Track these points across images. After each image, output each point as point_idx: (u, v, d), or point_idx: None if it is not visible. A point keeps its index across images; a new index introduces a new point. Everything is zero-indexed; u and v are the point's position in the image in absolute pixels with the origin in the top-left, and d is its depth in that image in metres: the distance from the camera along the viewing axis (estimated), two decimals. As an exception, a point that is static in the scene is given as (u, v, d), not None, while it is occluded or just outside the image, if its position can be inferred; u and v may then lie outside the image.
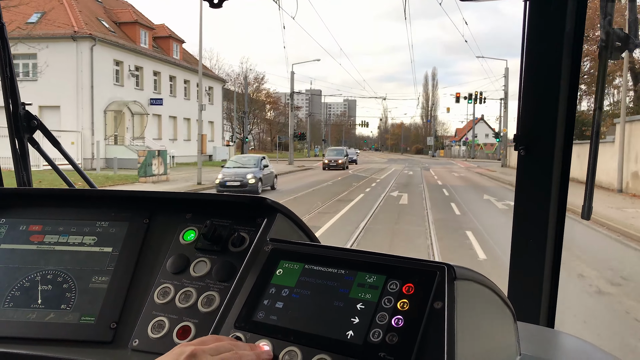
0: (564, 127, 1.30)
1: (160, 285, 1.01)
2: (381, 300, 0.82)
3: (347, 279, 0.87)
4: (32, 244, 1.11)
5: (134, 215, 1.12)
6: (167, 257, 1.05)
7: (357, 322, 0.81)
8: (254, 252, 0.98)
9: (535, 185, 1.36)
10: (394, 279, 0.84)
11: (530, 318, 1.37)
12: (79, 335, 0.97)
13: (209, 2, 1.28)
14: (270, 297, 0.89)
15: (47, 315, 1.01)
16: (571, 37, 1.25)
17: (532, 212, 1.37)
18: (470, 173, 34.85)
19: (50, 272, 1.06)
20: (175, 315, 0.96)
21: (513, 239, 1.41)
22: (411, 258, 0.86)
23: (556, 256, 1.37)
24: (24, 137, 1.62)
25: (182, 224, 1.09)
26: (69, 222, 1.13)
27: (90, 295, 1.02)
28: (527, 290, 1.39)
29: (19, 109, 1.59)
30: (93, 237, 1.10)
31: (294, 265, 0.93)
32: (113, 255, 1.07)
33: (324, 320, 0.83)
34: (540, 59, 1.29)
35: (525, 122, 1.34)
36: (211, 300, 0.95)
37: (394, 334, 0.77)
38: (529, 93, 1.32)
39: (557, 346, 1.17)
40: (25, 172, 1.63)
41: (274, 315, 0.86)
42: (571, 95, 1.29)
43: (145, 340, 0.95)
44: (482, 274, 0.87)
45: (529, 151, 1.34)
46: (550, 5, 1.26)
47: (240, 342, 0.83)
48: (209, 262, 1.01)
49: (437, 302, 0.78)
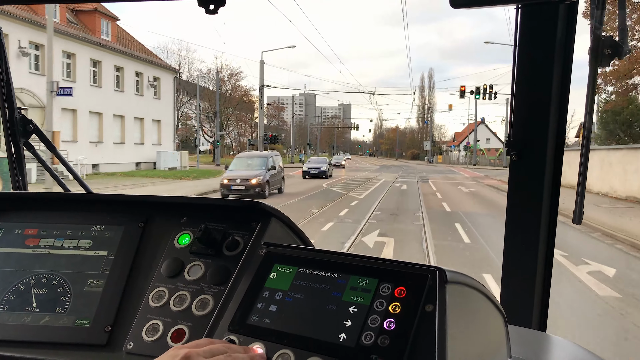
0: (556, 132, 1.32)
1: (155, 289, 1.01)
2: (373, 303, 0.83)
3: (340, 282, 0.88)
4: (28, 247, 1.11)
5: (129, 219, 1.13)
6: (161, 260, 1.06)
7: (349, 325, 0.82)
8: (248, 255, 1.00)
9: (528, 190, 1.37)
10: (386, 282, 0.85)
11: (523, 322, 1.37)
12: (73, 339, 0.98)
13: (204, 9, 1.22)
14: (264, 301, 0.90)
15: (42, 319, 1.01)
16: (562, 43, 1.27)
17: (524, 217, 1.38)
18: (481, 187, 26.52)
19: (46, 276, 1.07)
20: (170, 318, 0.97)
21: (505, 243, 1.42)
22: (403, 262, 0.88)
23: (548, 260, 1.39)
24: (20, 141, 1.61)
25: (177, 228, 1.10)
26: (64, 226, 1.14)
27: (85, 299, 1.03)
28: (519, 294, 1.40)
29: (14, 113, 1.58)
30: (88, 241, 1.11)
31: (288, 268, 0.93)
32: (108, 258, 1.08)
33: (317, 323, 0.84)
34: (532, 65, 1.31)
35: (517, 127, 1.35)
36: (205, 304, 0.96)
37: (386, 337, 0.78)
38: (520, 98, 1.33)
39: (549, 350, 1.18)
40: (20, 177, 1.63)
41: (268, 318, 0.87)
42: (562, 101, 1.31)
43: (139, 343, 0.95)
44: (473, 278, 0.88)
45: (521, 156, 1.35)
46: (541, 11, 1.27)
47: (233, 344, 0.84)
48: (203, 266, 1.02)
49: (429, 305, 0.79)
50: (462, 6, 0.98)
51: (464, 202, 18.27)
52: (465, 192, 23.09)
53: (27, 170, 1.67)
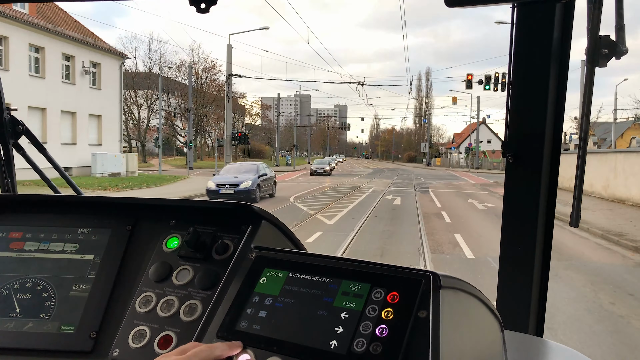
0: (552, 134, 1.31)
1: (142, 294, 0.99)
2: (365, 309, 0.81)
3: (331, 287, 0.86)
4: (12, 251, 1.09)
5: (116, 222, 1.11)
6: (149, 264, 1.03)
7: (341, 331, 0.80)
8: (237, 260, 0.98)
9: (524, 192, 1.36)
10: (378, 288, 0.83)
11: (519, 327, 1.35)
12: (58, 345, 0.96)
13: (195, 7, 1.21)
14: (254, 306, 0.88)
15: (25, 325, 0.99)
16: (559, 42, 1.26)
17: (521, 220, 1.36)
18: (497, 199, 20.14)
19: (30, 280, 1.04)
20: (157, 324, 0.95)
21: (501, 246, 1.40)
22: (396, 266, 0.86)
23: (545, 264, 1.37)
24: (9, 142, 1.59)
25: (166, 231, 1.08)
26: (50, 229, 1.12)
27: (70, 304, 1.01)
28: (516, 299, 1.38)
29: (3, 114, 1.56)
30: (74, 245, 1.09)
31: (278, 273, 0.92)
32: (95, 263, 1.06)
33: (308, 330, 0.82)
34: (528, 66, 1.30)
35: (513, 129, 1.34)
36: (193, 309, 0.94)
37: (378, 344, 0.77)
38: (517, 100, 1.32)
39: (546, 355, 1.16)
40: (9, 179, 1.60)
41: (257, 324, 0.85)
42: (559, 103, 1.30)
43: (125, 350, 0.93)
44: (469, 283, 0.87)
45: (517, 158, 1.34)
46: (537, 11, 1.26)
47: (218, 343, 0.82)
48: (191, 270, 1.00)
49: (422, 311, 0.78)
50: (457, 5, 0.94)
51: (487, 233, 11.87)
52: (481, 211, 16.69)
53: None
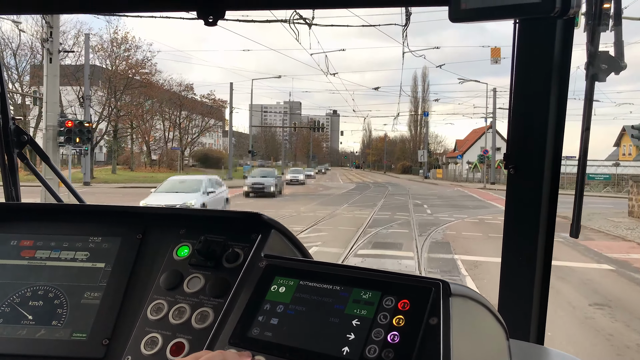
0: (553, 146, 1.33)
1: (154, 302, 1.00)
2: (377, 316, 0.83)
3: (342, 295, 0.88)
4: (23, 259, 1.10)
5: (127, 230, 1.12)
6: (160, 272, 1.05)
7: (352, 338, 0.81)
8: (248, 268, 1.00)
9: (525, 203, 1.38)
10: (389, 295, 0.85)
11: (520, 335, 1.37)
12: (70, 352, 0.97)
13: (203, 20, 1.23)
14: (265, 313, 0.89)
15: (37, 332, 1.00)
16: (560, 57, 1.29)
17: (522, 230, 1.39)
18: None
19: (42, 288, 1.05)
20: (169, 331, 0.95)
21: (503, 256, 1.42)
22: (406, 274, 0.87)
23: (545, 273, 1.39)
24: (14, 152, 1.61)
25: (176, 240, 1.09)
26: (60, 238, 1.13)
27: (82, 311, 1.01)
28: (517, 307, 1.40)
29: (9, 123, 1.58)
30: (85, 253, 1.10)
31: (289, 281, 0.93)
32: (106, 270, 1.07)
33: (320, 337, 0.83)
34: (529, 79, 1.32)
35: (514, 141, 1.36)
36: (205, 317, 0.95)
37: (390, 350, 0.78)
38: (518, 112, 1.34)
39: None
40: (13, 188, 1.62)
41: (269, 331, 0.86)
42: (560, 115, 1.32)
43: (138, 357, 0.94)
44: (476, 291, 0.88)
45: (519, 170, 1.36)
46: (539, 26, 1.29)
47: (229, 351, 0.82)
48: (203, 278, 1.01)
49: (433, 318, 0.79)
50: (461, 20, 0.97)
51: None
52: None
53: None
